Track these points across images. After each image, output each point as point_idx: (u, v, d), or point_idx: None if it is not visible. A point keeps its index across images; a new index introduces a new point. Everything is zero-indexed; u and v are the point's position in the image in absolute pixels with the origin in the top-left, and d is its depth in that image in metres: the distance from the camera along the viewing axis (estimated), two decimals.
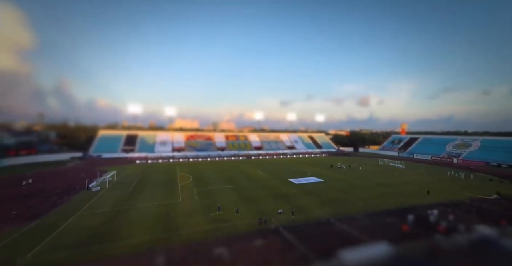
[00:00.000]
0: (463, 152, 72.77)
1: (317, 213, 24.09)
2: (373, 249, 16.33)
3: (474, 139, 79.03)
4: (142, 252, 16.09)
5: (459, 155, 72.07)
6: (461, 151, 73.68)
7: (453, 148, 77.58)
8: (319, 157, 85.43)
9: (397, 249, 16.13)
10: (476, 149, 72.58)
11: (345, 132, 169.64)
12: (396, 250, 16.08)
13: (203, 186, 36.97)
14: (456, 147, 77.80)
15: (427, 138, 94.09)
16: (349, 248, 16.37)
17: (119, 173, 46.57)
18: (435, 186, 36.70)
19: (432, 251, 15.67)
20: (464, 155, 71.11)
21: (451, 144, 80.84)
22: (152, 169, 55.08)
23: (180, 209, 25.39)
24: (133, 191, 33.38)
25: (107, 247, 16.78)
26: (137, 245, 17.09)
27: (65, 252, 16.10)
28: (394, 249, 16.27)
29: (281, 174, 48.31)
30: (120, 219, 22.32)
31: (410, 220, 21.80)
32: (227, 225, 21.00)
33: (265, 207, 26.00)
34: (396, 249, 16.26)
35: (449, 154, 74.64)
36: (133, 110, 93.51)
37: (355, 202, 28.28)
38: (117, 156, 74.95)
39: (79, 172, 48.70)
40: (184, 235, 18.76)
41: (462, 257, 13.47)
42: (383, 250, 16.25)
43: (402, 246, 16.72)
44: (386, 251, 16.05)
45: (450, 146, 79.37)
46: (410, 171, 52.79)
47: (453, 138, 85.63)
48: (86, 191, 32.80)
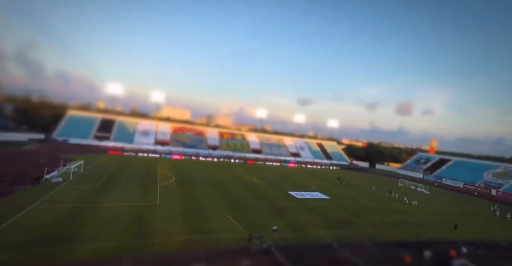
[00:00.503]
0: (505, 183, 71.96)
1: (318, 235, 24.24)
2: None
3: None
4: (106, 259, 16.18)
5: (499, 186, 71.41)
6: (503, 182, 72.89)
7: (492, 177, 77.14)
8: (327, 169, 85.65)
9: None
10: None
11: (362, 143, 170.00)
12: None
13: (187, 188, 37.14)
14: (497, 175, 77.23)
15: (461, 161, 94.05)
16: None
17: (87, 163, 46.65)
18: (465, 220, 36.66)
19: None
20: (506, 186, 70.38)
21: (491, 171, 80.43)
22: (128, 162, 55.24)
23: (157, 213, 25.52)
24: (103, 186, 33.52)
25: (62, 250, 16.72)
26: (101, 250, 17.17)
27: (9, 253, 15.73)
28: None
29: (281, 184, 48.57)
30: (83, 218, 22.42)
31: (427, 257, 21.90)
32: (210, 237, 21.13)
33: (257, 221, 26.15)
34: None
35: (487, 183, 74.35)
36: (113, 90, 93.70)
37: (364, 227, 28.43)
38: (87, 142, 75.17)
39: (39, 157, 48.83)
40: (158, 245, 18.88)
41: None
42: None
43: None
44: None
45: (489, 174, 79.02)
46: (436, 198, 53.00)
47: (494, 165, 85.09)
48: (45, 181, 32.89)
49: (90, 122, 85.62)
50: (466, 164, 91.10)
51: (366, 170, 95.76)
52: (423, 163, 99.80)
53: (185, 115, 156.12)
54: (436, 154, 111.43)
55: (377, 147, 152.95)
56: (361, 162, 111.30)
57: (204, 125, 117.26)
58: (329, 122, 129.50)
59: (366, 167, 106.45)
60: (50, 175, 35.15)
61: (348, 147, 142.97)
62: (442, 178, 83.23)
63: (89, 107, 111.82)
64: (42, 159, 47.28)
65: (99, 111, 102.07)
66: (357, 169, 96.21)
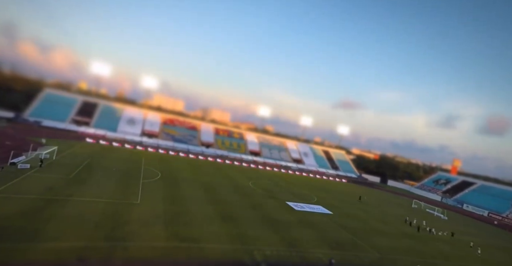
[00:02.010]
0: None
1: (315, 254, 24.07)
2: None
3: None
4: (70, 262, 15.97)
5: None
6: None
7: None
8: (332, 181, 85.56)
9: None
10: None
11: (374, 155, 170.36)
12: None
13: (174, 188, 37.08)
14: None
15: (487, 186, 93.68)
16: None
17: (62, 150, 46.47)
18: (486, 254, 36.13)
19: None
20: None
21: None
22: (109, 153, 55.10)
23: (136, 213, 25.35)
24: (76, 177, 33.35)
25: (20, 247, 16.50)
26: (66, 251, 16.96)
27: None
28: None
29: (278, 192, 48.52)
30: (50, 212, 22.21)
31: None
32: (194, 246, 20.95)
33: (248, 232, 26.00)
34: None
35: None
36: (99, 70, 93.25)
37: (369, 250, 28.27)
38: (64, 126, 74.97)
39: (5, 138, 48.61)
40: (133, 249, 18.68)
41: None
42: None
43: None
44: None
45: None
46: (455, 225, 52.75)
47: None
48: (9, 166, 32.64)
49: (69, 104, 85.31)
50: (494, 189, 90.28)
51: (377, 186, 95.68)
52: (443, 183, 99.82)
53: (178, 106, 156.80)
54: (459, 175, 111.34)
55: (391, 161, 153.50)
56: (371, 176, 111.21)
57: (199, 119, 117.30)
58: (339, 128, 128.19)
59: (376, 182, 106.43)
60: (17, 159, 34.95)
61: (357, 158, 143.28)
62: (463, 203, 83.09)
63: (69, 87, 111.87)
64: (9, 140, 47.06)
65: (80, 93, 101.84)
66: (367, 184, 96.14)
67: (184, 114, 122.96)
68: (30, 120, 72.34)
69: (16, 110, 75.61)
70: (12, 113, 73.52)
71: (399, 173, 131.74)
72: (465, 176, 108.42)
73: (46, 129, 68.88)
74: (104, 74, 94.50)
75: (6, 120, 68.57)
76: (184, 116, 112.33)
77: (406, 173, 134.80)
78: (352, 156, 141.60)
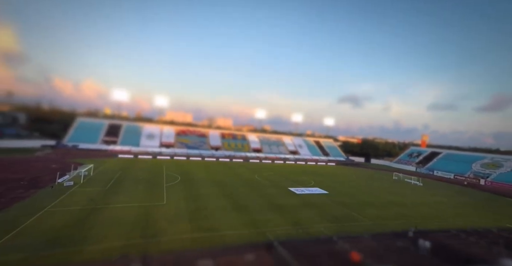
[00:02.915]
0: (492, 173, 72.24)
1: (318, 229, 23.99)
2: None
3: (507, 159, 78.45)
4: (114, 259, 15.95)
5: (487, 175, 71.64)
6: (491, 171, 73.16)
7: (480, 167, 77.22)
8: (325, 166, 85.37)
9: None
10: (509, 170, 72.01)
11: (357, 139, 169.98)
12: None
13: (192, 188, 36.92)
14: (485, 166, 77.41)
15: (451, 153, 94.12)
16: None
17: (97, 166, 46.47)
18: (457, 210, 36.52)
19: None
20: (494, 176, 70.58)
21: (479, 162, 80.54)
22: (135, 164, 55.02)
23: (163, 213, 25.27)
24: (111, 188, 33.29)
25: (73, 250, 16.57)
26: (110, 250, 16.94)
27: (24, 254, 15.79)
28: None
29: (281, 181, 48.33)
30: (93, 219, 22.20)
31: (424, 246, 21.67)
32: (215, 234, 20.88)
33: (258, 217, 25.92)
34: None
35: (476, 173, 74.29)
36: (119, 97, 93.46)
37: (362, 219, 28.17)
38: (96, 147, 74.95)
39: (50, 162, 48.61)
40: (164, 243, 18.64)
41: None
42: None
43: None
44: None
45: (478, 165, 79.07)
46: (429, 189, 52.69)
47: (481, 156, 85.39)
48: (57, 184, 32.68)
49: (98, 128, 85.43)
50: (456, 156, 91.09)
51: (362, 165, 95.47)
52: (416, 156, 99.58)
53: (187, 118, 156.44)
54: (428, 147, 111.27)
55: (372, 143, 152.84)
56: (357, 157, 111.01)
57: (206, 127, 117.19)
58: (325, 120, 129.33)
59: (361, 162, 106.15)
60: (62, 179, 34.98)
61: (344, 143, 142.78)
62: (433, 170, 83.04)
63: (97, 114, 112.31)
64: (54, 164, 47.07)
65: (106, 117, 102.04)
66: (353, 164, 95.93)
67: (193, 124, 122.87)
68: (68, 145, 72.41)
69: (57, 138, 75.79)
70: (54, 141, 73.65)
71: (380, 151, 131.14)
72: (433, 148, 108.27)
73: (82, 151, 68.98)
74: (123, 99, 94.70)
75: (50, 147, 68.71)
76: (194, 126, 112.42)
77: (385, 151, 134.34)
78: (339, 143, 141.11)
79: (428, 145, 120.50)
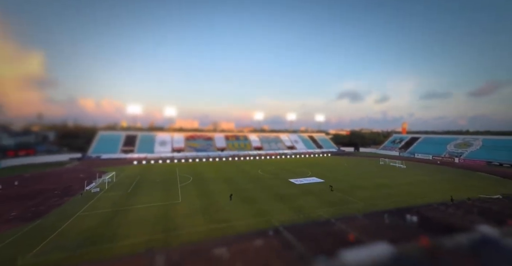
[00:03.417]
0: (464, 151, 72.72)
1: (318, 213, 24.11)
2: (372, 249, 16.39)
3: (476, 138, 79.07)
4: (140, 252, 16.13)
5: (460, 154, 72.03)
6: (463, 151, 73.66)
7: (454, 148, 77.58)
8: (319, 157, 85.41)
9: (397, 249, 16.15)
10: (477, 148, 72.57)
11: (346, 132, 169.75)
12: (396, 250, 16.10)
13: (203, 186, 37.03)
14: (458, 146, 77.79)
15: (428, 137, 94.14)
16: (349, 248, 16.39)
17: (118, 173, 46.63)
18: (436, 186, 36.72)
19: (432, 251, 15.67)
20: (466, 154, 71.06)
21: (453, 143, 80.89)
22: (151, 169, 55.13)
23: (179, 209, 25.44)
24: (133, 191, 33.43)
25: (106, 247, 16.84)
26: (136, 245, 17.13)
27: (64, 253, 16.20)
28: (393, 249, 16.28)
29: (282, 174, 48.36)
30: (119, 219, 22.37)
31: (410, 220, 21.82)
32: (226, 225, 21.03)
33: (264, 207, 26.06)
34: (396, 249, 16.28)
35: (451, 153, 74.58)
36: (133, 111, 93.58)
37: (356, 202, 28.29)
38: (116, 156, 75.06)
39: (78, 172, 48.78)
40: (183, 236, 18.80)
41: (463, 257, 13.48)
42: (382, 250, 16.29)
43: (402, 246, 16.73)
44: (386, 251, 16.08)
45: (452, 145, 79.36)
46: (412, 171, 52.76)
47: (455, 137, 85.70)
48: (85, 192, 32.86)
49: (117, 139, 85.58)
50: (433, 139, 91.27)
51: (352, 154, 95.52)
52: (398, 142, 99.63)
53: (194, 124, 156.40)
54: (408, 133, 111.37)
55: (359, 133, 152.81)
56: (347, 148, 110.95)
57: (212, 131, 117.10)
58: (317, 117, 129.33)
59: (351, 151, 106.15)
60: (90, 186, 35.13)
61: (334, 136, 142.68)
62: (414, 153, 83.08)
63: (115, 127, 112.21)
64: (82, 173, 47.24)
65: (123, 129, 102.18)
66: (344, 154, 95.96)
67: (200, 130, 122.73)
68: (92, 157, 72.56)
69: (82, 151, 75.98)
70: (80, 154, 73.84)
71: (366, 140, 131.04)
72: (412, 134, 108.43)
73: (104, 160, 69.13)
74: (137, 112, 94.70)
75: (77, 159, 68.94)
76: (201, 131, 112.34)
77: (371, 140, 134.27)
78: (330, 136, 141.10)
79: (409, 131, 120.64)
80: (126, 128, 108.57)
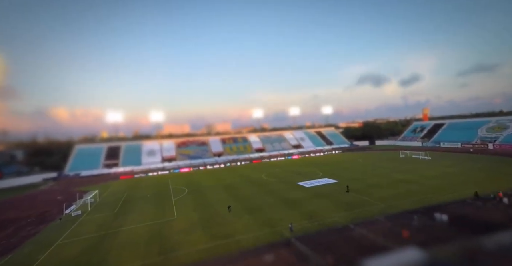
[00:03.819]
0: (499, 136, 72.02)
1: (333, 219, 24.15)
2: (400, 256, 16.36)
3: None
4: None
5: (494, 139, 71.48)
6: (497, 135, 72.94)
7: (486, 132, 76.98)
8: (330, 154, 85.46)
9: (429, 254, 16.12)
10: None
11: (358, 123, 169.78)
12: (427, 255, 16.07)
13: (201, 198, 37.09)
14: (490, 130, 77.10)
15: (454, 123, 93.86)
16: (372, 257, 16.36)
17: (102, 191, 46.66)
18: (468, 178, 36.75)
19: (470, 253, 15.63)
20: (501, 138, 70.43)
21: (484, 127, 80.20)
22: (140, 184, 55.14)
23: (176, 226, 25.47)
24: (120, 211, 33.46)
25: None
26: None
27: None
28: (424, 253, 16.25)
29: (289, 177, 48.45)
30: (107, 244, 22.39)
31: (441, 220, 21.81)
32: (230, 240, 21.05)
33: (273, 216, 26.10)
34: (427, 253, 16.24)
35: (483, 139, 74.19)
36: (114, 119, 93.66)
37: (375, 203, 28.31)
38: (98, 172, 75.10)
39: (55, 195, 48.76)
40: (182, 256, 18.82)
41: (503, 258, 13.46)
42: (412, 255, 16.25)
43: (434, 250, 16.71)
44: (416, 256, 16.05)
45: (483, 130, 78.79)
46: (438, 162, 52.81)
47: (486, 120, 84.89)
48: (65, 216, 32.85)
49: (98, 153, 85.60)
50: (460, 124, 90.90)
51: (367, 148, 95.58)
52: (419, 131, 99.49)
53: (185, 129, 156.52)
54: (430, 120, 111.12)
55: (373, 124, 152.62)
56: (360, 142, 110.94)
57: (206, 135, 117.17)
58: (324, 109, 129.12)
59: (366, 145, 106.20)
60: (69, 209, 35.14)
61: (345, 130, 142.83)
62: (440, 142, 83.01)
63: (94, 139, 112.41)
64: (59, 195, 47.22)
65: (104, 141, 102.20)
66: (358, 149, 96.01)
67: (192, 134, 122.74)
68: (70, 175, 72.56)
69: (57, 169, 75.87)
70: (55, 173, 73.73)
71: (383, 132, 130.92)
72: (436, 120, 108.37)
73: (85, 178, 69.16)
74: (119, 120, 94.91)
75: (52, 180, 68.96)
76: (193, 136, 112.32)
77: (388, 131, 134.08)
78: (340, 129, 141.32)
79: (431, 118, 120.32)
80: (107, 139, 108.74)
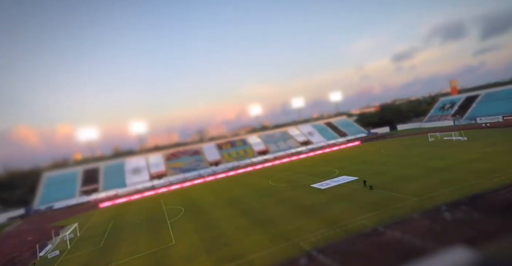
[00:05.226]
0: None
1: (358, 223, 24.19)
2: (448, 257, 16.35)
3: None
4: None
5: None
6: None
7: None
8: (345, 148, 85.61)
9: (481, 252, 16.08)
10: None
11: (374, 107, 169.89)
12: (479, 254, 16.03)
13: (201, 216, 37.21)
14: None
15: (490, 93, 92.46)
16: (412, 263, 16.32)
17: (83, 224, 46.65)
18: None
19: None
20: None
21: None
22: (127, 209, 55.18)
23: (175, 254, 25.51)
24: (107, 244, 33.43)
25: None
26: None
27: None
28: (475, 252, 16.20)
29: (300, 179, 48.60)
30: None
31: (489, 210, 21.77)
32: (242, 262, 21.06)
33: (287, 228, 26.15)
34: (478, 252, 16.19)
35: None
36: (87, 136, 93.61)
37: (406, 198, 28.33)
38: (75, 201, 75.11)
39: (25, 235, 48.59)
40: None
41: None
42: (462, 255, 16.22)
43: (486, 248, 16.66)
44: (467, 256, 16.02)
45: None
46: (476, 142, 52.85)
47: None
48: (39, 259, 32.55)
49: (72, 178, 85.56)
50: (498, 93, 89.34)
51: (388, 135, 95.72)
52: (449, 107, 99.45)
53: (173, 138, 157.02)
54: (460, 93, 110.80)
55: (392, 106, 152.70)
56: (379, 129, 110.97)
57: (198, 142, 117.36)
58: (332, 96, 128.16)
59: (387, 132, 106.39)
60: (45, 250, 34.86)
61: (360, 116, 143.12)
62: (475, 118, 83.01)
63: (66, 162, 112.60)
64: (30, 236, 47.11)
65: (78, 163, 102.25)
66: (378, 137, 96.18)
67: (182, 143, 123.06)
68: (41, 209, 72.49)
69: (25, 204, 75.73)
70: (22, 209, 73.59)
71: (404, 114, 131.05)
72: (467, 92, 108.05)
73: (60, 211, 69.14)
74: (93, 137, 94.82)
75: (19, 218, 68.87)
76: (183, 145, 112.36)
77: (410, 112, 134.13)
78: (354, 117, 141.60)
79: (461, 90, 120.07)
80: (82, 161, 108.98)
